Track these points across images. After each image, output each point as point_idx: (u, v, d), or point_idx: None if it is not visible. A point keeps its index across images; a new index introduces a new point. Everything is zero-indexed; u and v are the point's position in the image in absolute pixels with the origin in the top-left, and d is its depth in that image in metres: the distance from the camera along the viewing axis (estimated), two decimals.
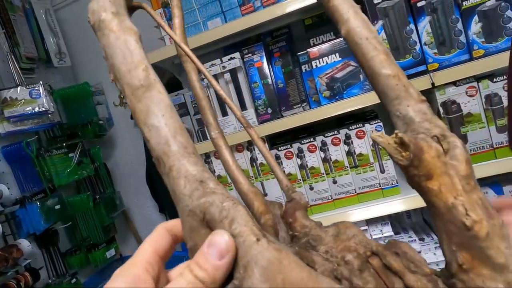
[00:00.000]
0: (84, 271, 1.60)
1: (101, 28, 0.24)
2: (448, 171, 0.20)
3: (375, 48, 0.24)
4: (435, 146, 0.21)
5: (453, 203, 0.20)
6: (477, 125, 1.05)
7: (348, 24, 0.25)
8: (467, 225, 0.19)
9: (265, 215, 0.25)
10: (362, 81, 1.10)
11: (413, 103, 0.23)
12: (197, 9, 1.20)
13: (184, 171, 0.21)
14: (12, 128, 1.35)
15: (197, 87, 0.30)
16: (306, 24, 1.26)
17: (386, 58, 0.24)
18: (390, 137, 0.21)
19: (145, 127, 0.22)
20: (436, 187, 0.20)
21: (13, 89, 1.34)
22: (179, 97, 1.27)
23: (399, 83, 0.23)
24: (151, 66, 0.24)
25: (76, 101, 1.58)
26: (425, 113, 0.23)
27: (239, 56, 1.20)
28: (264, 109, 1.21)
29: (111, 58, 0.23)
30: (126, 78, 0.23)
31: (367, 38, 0.24)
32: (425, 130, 0.22)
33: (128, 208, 1.87)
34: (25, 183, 1.38)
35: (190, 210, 0.21)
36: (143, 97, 0.22)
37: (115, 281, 0.20)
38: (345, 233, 0.24)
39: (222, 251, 0.19)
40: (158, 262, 0.22)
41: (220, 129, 0.30)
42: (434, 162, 0.20)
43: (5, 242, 1.29)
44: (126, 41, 0.23)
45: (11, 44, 1.40)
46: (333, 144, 1.16)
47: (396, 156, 0.21)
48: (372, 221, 1.22)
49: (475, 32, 1.01)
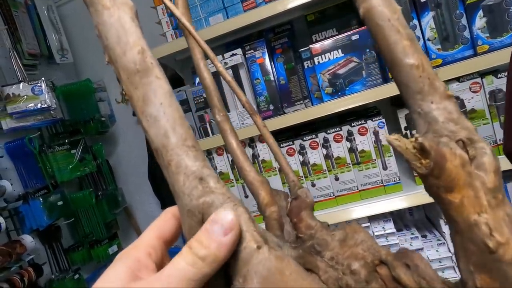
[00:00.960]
0: (86, 267, 1.61)
1: (93, 3, 0.21)
2: (473, 182, 0.18)
3: (397, 32, 0.21)
4: (460, 154, 0.18)
5: (475, 220, 0.18)
6: (481, 121, 1.04)
7: (368, 1, 0.21)
8: (490, 247, 0.17)
9: (270, 207, 0.24)
10: (365, 77, 1.10)
11: (437, 99, 0.20)
12: (199, 5, 1.20)
13: (183, 167, 0.20)
14: (14, 124, 1.36)
15: (201, 65, 0.28)
16: (308, 20, 1.25)
17: (410, 45, 0.21)
18: (409, 140, 0.19)
19: (143, 116, 0.21)
20: (458, 200, 0.18)
21: (15, 85, 1.34)
22: (181, 93, 1.27)
23: (423, 74, 0.21)
24: (147, 47, 0.21)
25: (78, 98, 1.59)
26: (451, 112, 0.20)
27: (241, 52, 1.20)
28: (266, 105, 1.21)
29: (105, 38, 0.21)
30: (122, 61, 0.21)
31: (389, 19, 0.21)
32: (450, 133, 0.20)
33: (130, 204, 1.88)
34: (28, 179, 1.39)
35: (188, 210, 0.20)
36: (140, 83, 0.21)
37: (115, 265, 0.20)
38: (353, 238, 0.22)
39: (226, 228, 0.19)
40: (161, 247, 0.21)
41: (225, 112, 0.28)
42: (458, 172, 0.18)
43: (8, 237, 1.30)
44: (120, 18, 0.21)
45: (13, 41, 1.41)
46: (335, 140, 1.15)
47: (415, 163, 0.19)
48: (374, 218, 1.21)
49: (479, 27, 1.00)
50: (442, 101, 0.20)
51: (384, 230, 1.18)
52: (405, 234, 1.20)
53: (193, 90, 1.23)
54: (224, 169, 1.26)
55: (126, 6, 0.21)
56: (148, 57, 0.21)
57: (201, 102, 1.23)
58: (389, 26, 0.21)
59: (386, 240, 1.18)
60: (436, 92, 0.20)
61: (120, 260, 0.20)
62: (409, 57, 0.21)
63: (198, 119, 1.27)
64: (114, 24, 0.21)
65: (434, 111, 0.20)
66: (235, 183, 1.27)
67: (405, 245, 1.17)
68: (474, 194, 0.18)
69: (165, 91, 0.21)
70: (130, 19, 0.21)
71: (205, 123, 1.26)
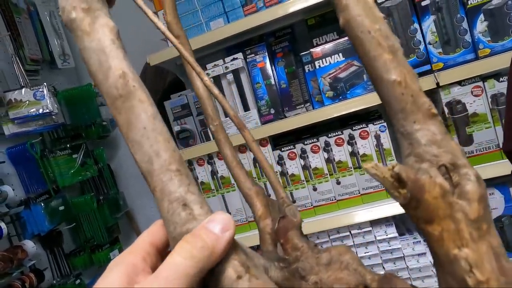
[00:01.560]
0: (88, 272, 1.61)
1: (73, 29, 0.21)
2: (453, 214, 0.17)
3: (378, 45, 0.19)
4: (440, 183, 0.17)
5: (455, 255, 0.17)
6: (483, 125, 1.04)
7: (347, 11, 0.20)
8: (469, 285, 0.16)
9: (264, 220, 0.24)
10: (366, 81, 1.10)
11: (421, 119, 0.19)
12: (200, 10, 1.20)
13: (167, 193, 0.20)
14: (16, 129, 1.36)
15: (193, 74, 0.28)
16: (309, 24, 1.25)
17: (392, 59, 0.19)
18: (386, 168, 0.18)
19: (128, 141, 0.20)
20: (437, 233, 0.17)
21: (17, 90, 1.35)
22: (182, 98, 1.27)
23: (405, 91, 0.19)
24: (131, 68, 0.21)
25: (80, 102, 1.59)
26: (434, 133, 0.19)
27: (241, 56, 1.20)
28: (267, 109, 1.20)
29: (87, 64, 0.21)
30: (104, 86, 0.20)
31: (370, 31, 0.19)
32: (432, 157, 0.18)
33: (132, 208, 1.87)
34: (29, 184, 1.39)
35: (173, 238, 0.20)
36: (122, 108, 0.20)
37: (111, 273, 0.19)
38: (339, 260, 0.22)
39: (223, 226, 0.19)
40: (155, 253, 0.21)
41: (220, 120, 0.28)
42: (437, 204, 0.17)
43: (10, 243, 1.30)
44: (100, 42, 0.20)
45: (16, 46, 1.41)
46: (336, 144, 1.15)
47: (392, 192, 0.18)
48: (376, 222, 1.21)
49: (480, 31, 0.99)
50: (426, 121, 0.19)
51: (386, 235, 1.17)
52: (407, 239, 1.19)
53: (194, 95, 1.23)
54: (226, 173, 1.26)
55: (106, 28, 0.21)
56: (130, 81, 0.20)
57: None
58: (369, 39, 0.19)
59: (389, 244, 1.17)
60: (419, 111, 0.19)
61: (116, 266, 0.19)
62: (390, 72, 0.19)
63: (199, 123, 1.27)
64: (95, 49, 0.20)
65: (416, 132, 0.19)
66: (236, 187, 1.26)
67: (408, 250, 1.16)
68: (454, 227, 0.17)
69: (149, 115, 0.20)
70: (110, 41, 0.20)
71: (206, 127, 1.26)
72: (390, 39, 0.20)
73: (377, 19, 0.20)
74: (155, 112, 0.21)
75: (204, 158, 1.27)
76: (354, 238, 1.20)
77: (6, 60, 1.41)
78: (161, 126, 0.21)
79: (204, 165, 1.28)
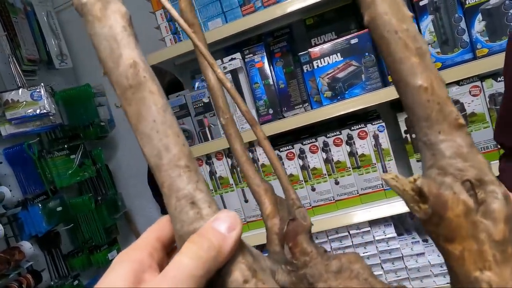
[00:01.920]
0: (86, 273, 1.60)
1: (84, 14, 0.20)
2: (477, 234, 0.16)
3: (405, 47, 0.18)
4: (464, 200, 0.16)
5: (476, 277, 0.16)
6: (481, 125, 1.04)
7: (373, 8, 0.18)
8: None
9: (272, 219, 0.23)
10: (364, 81, 1.09)
11: (446, 129, 0.18)
12: (198, 10, 1.20)
13: (175, 189, 0.19)
14: (14, 130, 1.35)
15: (205, 64, 0.27)
16: (307, 24, 1.25)
17: (419, 62, 0.18)
18: (407, 180, 0.17)
19: (137, 133, 0.20)
20: (458, 252, 0.16)
21: (14, 91, 1.34)
22: (180, 98, 1.27)
23: (431, 98, 0.18)
24: (142, 58, 0.20)
25: (78, 103, 1.59)
26: (460, 145, 0.18)
27: (240, 56, 1.19)
28: (265, 109, 1.20)
29: (98, 50, 0.20)
30: (115, 75, 0.20)
31: (397, 31, 0.18)
32: (456, 171, 0.17)
33: (130, 209, 1.87)
34: (27, 185, 1.39)
35: (180, 236, 0.19)
36: (132, 99, 0.19)
37: (117, 268, 0.19)
38: (349, 268, 0.20)
39: (229, 226, 0.18)
40: (162, 249, 0.21)
41: (230, 114, 0.27)
42: (459, 222, 0.16)
43: (7, 244, 1.29)
44: (112, 29, 0.20)
45: (12, 47, 1.41)
46: (335, 144, 1.15)
47: (412, 206, 0.17)
48: (375, 222, 1.21)
49: (478, 31, 0.99)
50: (452, 132, 0.18)
51: (385, 235, 1.17)
52: (406, 239, 1.19)
53: (192, 95, 1.23)
54: (224, 173, 1.26)
55: (118, 15, 0.20)
56: (141, 71, 0.20)
57: (200, 107, 1.23)
58: (395, 40, 0.18)
59: (387, 244, 1.17)
60: (445, 120, 0.18)
61: (121, 262, 0.19)
62: (416, 77, 0.18)
63: (197, 123, 1.27)
64: (106, 35, 0.20)
65: (441, 143, 0.18)
66: (235, 188, 1.26)
67: (406, 250, 1.16)
68: (477, 248, 0.16)
69: (159, 107, 0.20)
70: (122, 28, 0.20)
71: (204, 128, 1.25)
72: (418, 41, 0.18)
73: (405, 18, 0.18)
74: (165, 104, 0.20)
75: (202, 158, 1.27)
76: (353, 238, 1.20)
77: (3, 60, 1.40)
78: (171, 119, 0.20)
79: (202, 166, 1.27)
